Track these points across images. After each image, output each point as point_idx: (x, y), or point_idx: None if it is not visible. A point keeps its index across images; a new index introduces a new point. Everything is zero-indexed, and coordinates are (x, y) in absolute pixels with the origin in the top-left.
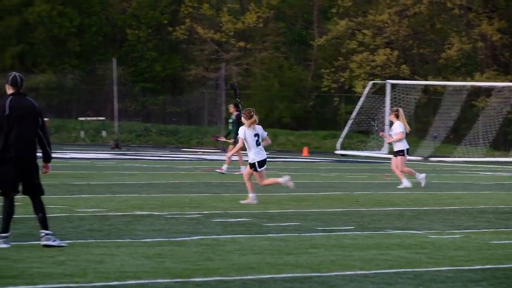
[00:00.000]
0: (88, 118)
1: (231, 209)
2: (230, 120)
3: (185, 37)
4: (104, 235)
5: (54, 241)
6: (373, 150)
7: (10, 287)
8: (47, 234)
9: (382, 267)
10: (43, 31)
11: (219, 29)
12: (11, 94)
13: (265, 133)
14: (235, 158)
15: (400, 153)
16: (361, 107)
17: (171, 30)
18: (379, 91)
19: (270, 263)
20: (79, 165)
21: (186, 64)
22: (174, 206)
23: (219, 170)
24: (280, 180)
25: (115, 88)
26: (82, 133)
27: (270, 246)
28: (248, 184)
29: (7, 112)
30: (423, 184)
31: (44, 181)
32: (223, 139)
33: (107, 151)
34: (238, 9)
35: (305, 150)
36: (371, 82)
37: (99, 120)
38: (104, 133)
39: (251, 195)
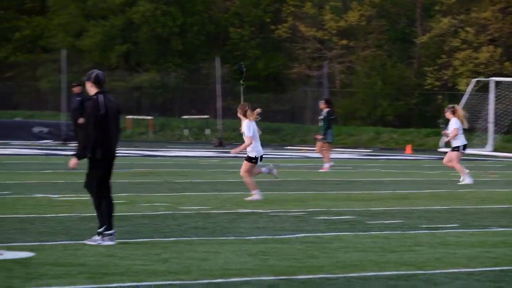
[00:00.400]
0: (192, 117)
1: (334, 207)
2: (321, 117)
3: (288, 35)
4: (208, 232)
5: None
6: (477, 147)
7: (116, 284)
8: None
9: (487, 265)
10: (147, 31)
11: (322, 27)
12: (99, 93)
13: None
14: (321, 155)
15: (455, 149)
16: (464, 105)
17: (273, 29)
18: (482, 88)
19: (373, 261)
20: (182, 163)
21: (288, 62)
22: (278, 204)
23: (322, 170)
24: (263, 169)
25: (218, 86)
26: (186, 131)
27: (373, 243)
28: (250, 181)
29: (102, 111)
30: (468, 182)
31: (148, 179)
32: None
33: (211, 149)
34: (341, 7)
35: (409, 148)
36: (475, 79)
37: (203, 118)
38: (207, 131)
39: (255, 191)
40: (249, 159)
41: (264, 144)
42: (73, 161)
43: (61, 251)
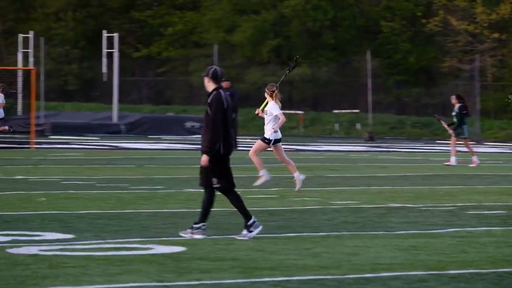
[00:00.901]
0: (343, 111)
1: (485, 201)
2: (454, 113)
3: (439, 29)
4: (358, 227)
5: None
6: None
7: (267, 278)
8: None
9: None
10: (298, 25)
11: (473, 20)
12: (218, 88)
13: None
14: (460, 149)
15: None
16: None
17: (425, 22)
18: None
19: None
20: (333, 158)
21: (440, 56)
22: (428, 198)
23: (472, 165)
24: (296, 174)
25: (369, 80)
26: (336, 126)
27: None
28: (257, 160)
29: (225, 105)
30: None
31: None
32: (445, 125)
33: (361, 143)
34: (493, 0)
35: None
36: None
37: (353, 112)
38: (358, 126)
39: (262, 171)
40: (264, 139)
41: (414, 138)
42: (204, 159)
43: (211, 245)
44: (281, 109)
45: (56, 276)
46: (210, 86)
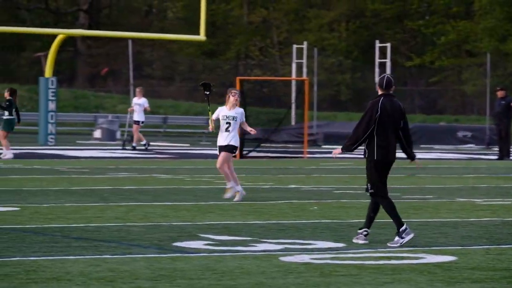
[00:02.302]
0: None
1: None
2: None
3: None
4: None
5: (363, 240)
6: None
7: None
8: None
9: None
10: None
11: None
12: (383, 95)
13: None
14: None
15: None
16: None
17: None
18: None
19: None
20: None
21: None
22: None
23: None
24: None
25: None
26: None
27: None
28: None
29: (377, 113)
30: None
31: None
32: None
33: None
34: None
35: None
36: None
37: None
38: None
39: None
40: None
41: None
42: (336, 151)
43: (483, 255)
44: None
45: (328, 284)
46: (379, 92)
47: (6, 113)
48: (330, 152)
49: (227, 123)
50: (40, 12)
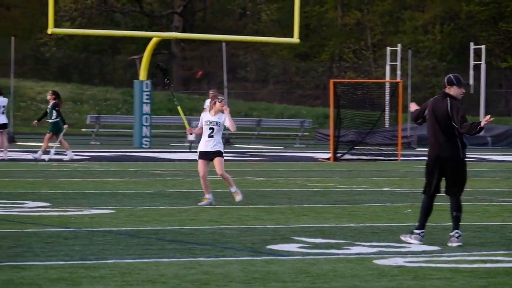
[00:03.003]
0: None
1: None
2: None
3: None
4: None
5: (456, 242)
6: None
7: None
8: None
9: None
10: None
11: None
12: (441, 94)
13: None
14: None
15: None
16: None
17: None
18: None
19: None
20: None
21: None
22: None
23: None
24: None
25: None
26: None
27: None
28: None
29: (425, 112)
30: None
31: None
32: None
33: None
34: None
35: None
36: None
37: None
38: None
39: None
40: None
41: None
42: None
43: None
44: None
45: (421, 287)
46: (448, 92)
47: (54, 115)
48: (425, 155)
49: (210, 128)
50: (134, 15)
